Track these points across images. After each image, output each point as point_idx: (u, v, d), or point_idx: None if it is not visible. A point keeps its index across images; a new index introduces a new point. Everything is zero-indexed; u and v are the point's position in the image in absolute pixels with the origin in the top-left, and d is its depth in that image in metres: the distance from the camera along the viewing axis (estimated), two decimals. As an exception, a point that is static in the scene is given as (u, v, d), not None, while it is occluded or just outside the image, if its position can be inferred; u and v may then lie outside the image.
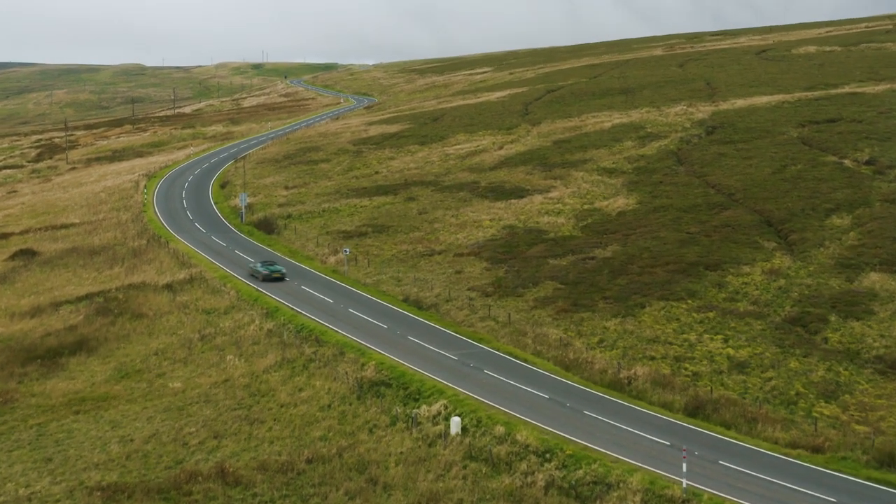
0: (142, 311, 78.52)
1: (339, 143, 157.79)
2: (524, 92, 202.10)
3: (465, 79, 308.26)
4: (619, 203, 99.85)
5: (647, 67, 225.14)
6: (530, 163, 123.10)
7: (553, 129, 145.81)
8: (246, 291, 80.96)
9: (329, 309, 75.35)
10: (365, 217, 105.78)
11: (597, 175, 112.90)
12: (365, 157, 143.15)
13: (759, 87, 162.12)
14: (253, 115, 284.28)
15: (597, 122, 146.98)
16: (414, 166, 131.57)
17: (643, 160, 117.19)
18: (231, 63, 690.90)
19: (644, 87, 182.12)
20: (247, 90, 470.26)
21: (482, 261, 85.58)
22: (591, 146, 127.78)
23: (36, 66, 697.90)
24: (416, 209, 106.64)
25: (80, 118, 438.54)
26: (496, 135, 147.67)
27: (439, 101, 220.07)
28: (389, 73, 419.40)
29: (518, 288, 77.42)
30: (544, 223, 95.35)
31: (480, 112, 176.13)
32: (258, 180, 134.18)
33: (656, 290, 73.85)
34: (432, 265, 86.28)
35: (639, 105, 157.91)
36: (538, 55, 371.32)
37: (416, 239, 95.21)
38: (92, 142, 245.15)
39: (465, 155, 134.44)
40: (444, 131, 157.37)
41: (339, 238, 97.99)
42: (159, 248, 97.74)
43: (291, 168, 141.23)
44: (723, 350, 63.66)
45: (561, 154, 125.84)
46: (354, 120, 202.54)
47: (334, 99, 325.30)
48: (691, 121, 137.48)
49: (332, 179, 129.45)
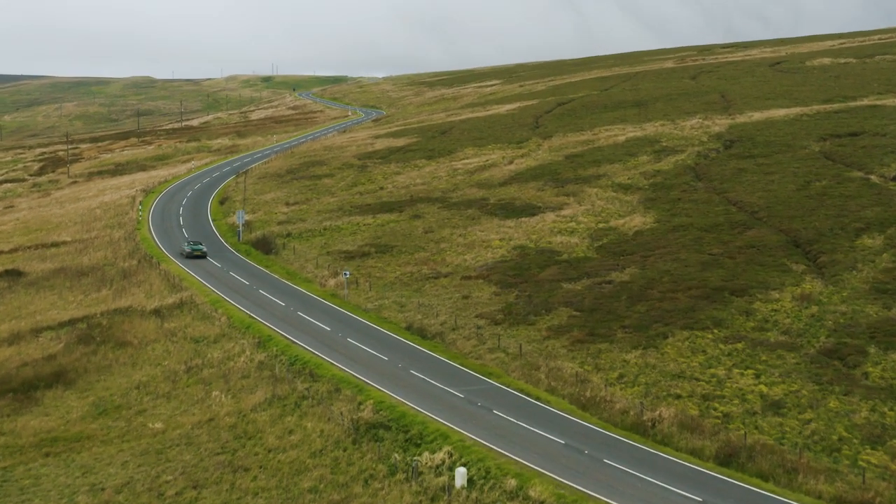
0: (126, 338, 72.85)
1: (343, 158, 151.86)
2: (534, 104, 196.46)
3: (474, 91, 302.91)
4: (635, 221, 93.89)
5: (659, 80, 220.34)
6: (542, 178, 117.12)
7: (565, 142, 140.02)
8: (238, 318, 75.12)
9: (326, 338, 69.49)
10: (368, 236, 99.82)
11: (611, 191, 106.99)
12: (370, 172, 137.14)
13: (775, 100, 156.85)
14: (260, 128, 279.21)
15: (610, 135, 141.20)
16: (420, 182, 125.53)
17: (659, 176, 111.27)
18: (241, 76, 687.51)
19: (657, 99, 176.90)
20: (255, 103, 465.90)
21: (491, 285, 79.62)
22: (604, 161, 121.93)
23: (46, 79, 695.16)
24: (421, 228, 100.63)
25: (88, 131, 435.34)
26: (506, 149, 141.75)
27: (448, 114, 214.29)
28: (398, 86, 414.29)
29: (530, 315, 71.45)
30: (557, 243, 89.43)
31: (490, 125, 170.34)
32: (259, 196, 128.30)
33: (679, 319, 67.92)
34: (438, 289, 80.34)
35: (653, 118, 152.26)
36: (547, 67, 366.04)
37: (422, 260, 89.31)
38: (96, 155, 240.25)
39: (473, 170, 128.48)
40: (453, 145, 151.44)
41: (339, 259, 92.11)
42: (150, 268, 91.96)
43: (293, 183, 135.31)
44: (755, 387, 57.64)
45: (573, 169, 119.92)
46: (360, 133, 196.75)
47: (342, 111, 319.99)
48: (708, 134, 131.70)
49: (335, 195, 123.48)
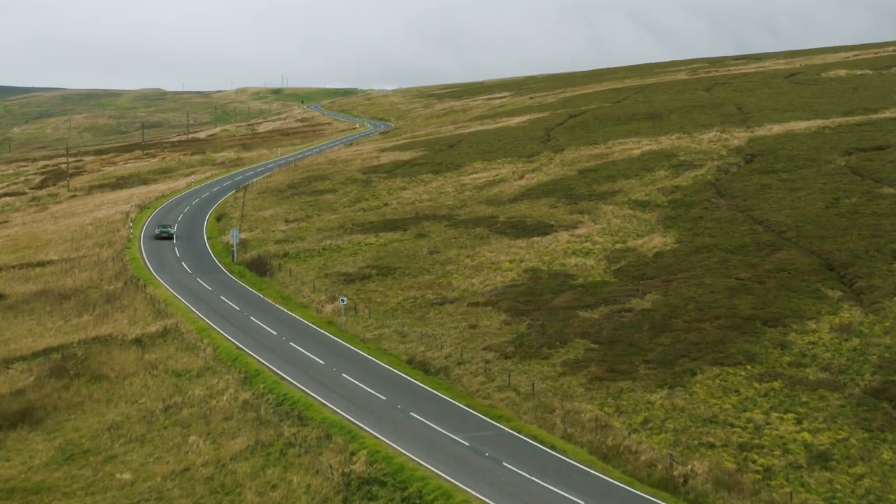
0: (103, 371, 66.29)
1: (347, 172, 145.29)
2: (545, 117, 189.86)
3: (483, 103, 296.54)
4: (655, 242, 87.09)
5: (672, 91, 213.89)
6: (554, 194, 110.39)
7: (577, 156, 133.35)
8: (224, 349, 68.39)
9: (319, 373, 62.76)
10: (369, 257, 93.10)
11: (628, 209, 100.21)
12: (374, 188, 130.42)
13: (794, 112, 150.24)
14: (266, 141, 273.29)
15: (624, 149, 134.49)
16: (426, 198, 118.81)
17: (679, 192, 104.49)
18: (251, 88, 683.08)
19: (671, 111, 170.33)
20: (264, 115, 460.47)
21: (500, 312, 72.84)
22: (619, 176, 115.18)
23: (57, 91, 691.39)
24: (426, 248, 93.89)
25: (97, 143, 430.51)
26: (516, 163, 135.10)
27: (456, 127, 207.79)
28: (407, 98, 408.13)
29: (543, 348, 64.66)
30: (572, 266, 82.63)
31: (499, 138, 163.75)
32: (257, 213, 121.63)
33: (707, 353, 61.14)
34: (443, 317, 73.57)
35: (668, 131, 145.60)
36: (558, 80, 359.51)
37: (426, 283, 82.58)
38: (99, 168, 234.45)
39: (482, 185, 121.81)
40: (461, 159, 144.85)
41: (338, 282, 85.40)
42: (136, 292, 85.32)
43: (294, 199, 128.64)
44: (797, 435, 50.80)
45: (587, 185, 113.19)
46: (366, 146, 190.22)
47: (350, 124, 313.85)
48: (727, 148, 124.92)
49: (337, 212, 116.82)
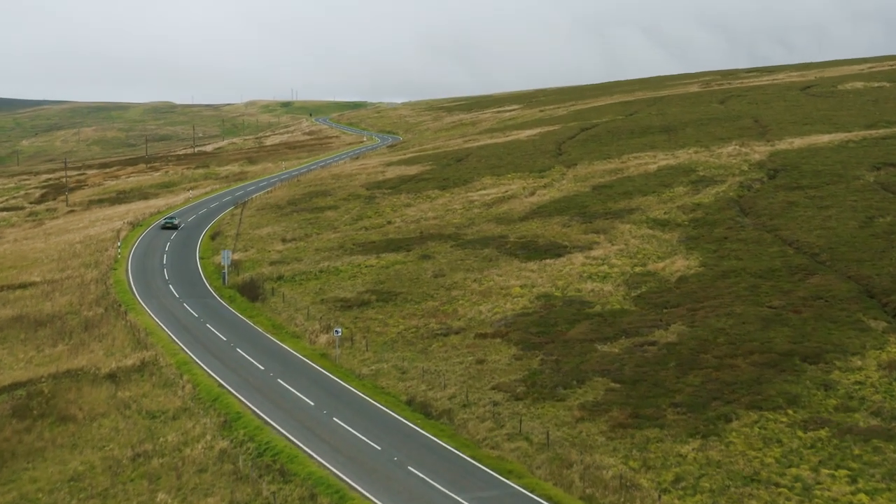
0: (70, 411, 59.48)
1: (351, 187, 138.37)
2: (556, 130, 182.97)
3: (493, 116, 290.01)
4: (678, 265, 79.97)
5: (685, 104, 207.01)
6: (567, 212, 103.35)
7: (591, 171, 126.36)
8: (205, 387, 61.40)
9: (307, 416, 55.73)
10: (369, 280, 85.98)
11: (647, 228, 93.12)
12: (377, 204, 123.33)
13: (813, 125, 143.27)
14: (272, 154, 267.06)
15: (640, 163, 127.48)
16: (432, 215, 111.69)
17: (700, 210, 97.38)
18: (261, 101, 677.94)
19: (686, 124, 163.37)
20: (272, 128, 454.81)
21: (510, 345, 65.76)
22: (636, 192, 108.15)
23: (66, 104, 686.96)
24: (431, 271, 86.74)
25: (105, 156, 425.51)
26: (527, 178, 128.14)
27: (465, 140, 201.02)
28: (416, 111, 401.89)
29: (558, 387, 57.56)
30: (588, 292, 75.52)
31: (509, 152, 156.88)
32: (253, 231, 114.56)
33: (743, 394, 54.11)
34: (447, 350, 66.50)
35: (685, 144, 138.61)
36: (568, 92, 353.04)
37: (430, 311, 75.50)
38: (100, 182, 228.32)
39: (491, 202, 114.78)
40: (469, 174, 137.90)
41: (335, 308, 78.31)
42: (116, 319, 78.39)
43: (293, 216, 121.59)
44: (853, 496, 43.75)
45: (602, 202, 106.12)
46: (372, 160, 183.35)
47: (357, 137, 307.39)
48: (748, 163, 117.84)
49: (338, 231, 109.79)
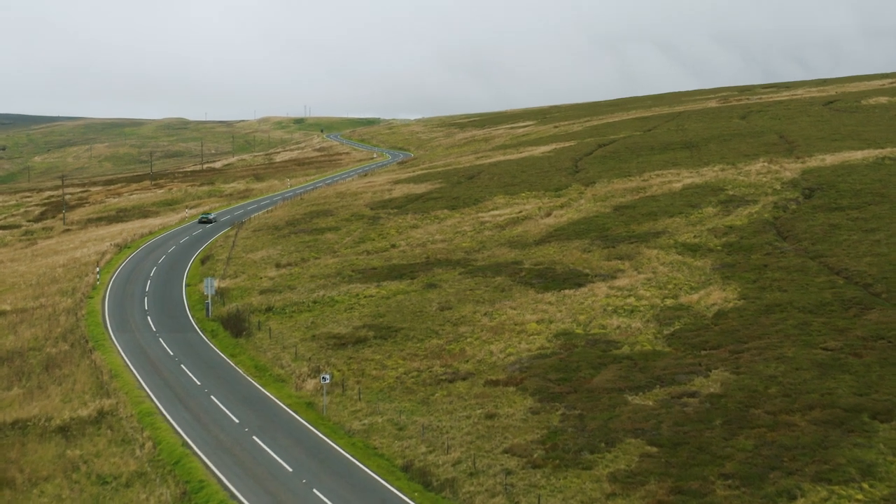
0: (9, 473, 50.00)
1: (355, 206, 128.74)
2: (572, 146, 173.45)
3: (506, 132, 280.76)
4: (714, 297, 70.14)
5: (705, 120, 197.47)
6: (587, 235, 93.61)
7: (611, 190, 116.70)
8: (167, 445, 51.67)
9: (283, 488, 45.96)
10: (368, 313, 76.09)
11: (676, 254, 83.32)
12: (382, 226, 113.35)
13: (843, 141, 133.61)
14: (281, 171, 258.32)
15: (663, 181, 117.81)
16: (440, 238, 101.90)
17: (733, 233, 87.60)
18: (273, 117, 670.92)
19: (708, 140, 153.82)
20: (283, 144, 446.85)
21: (526, 395, 55.89)
22: (661, 213, 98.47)
23: (80, 120, 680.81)
24: (436, 302, 76.81)
25: (117, 172, 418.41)
26: (542, 197, 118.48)
27: (477, 156, 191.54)
28: (428, 127, 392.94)
29: (583, 452, 47.69)
30: (614, 329, 65.72)
31: (523, 169, 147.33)
32: (247, 254, 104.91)
33: (806, 461, 44.30)
34: (452, 400, 56.65)
35: (709, 161, 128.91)
36: (582, 108, 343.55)
37: (434, 350, 65.74)
38: (102, 199, 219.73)
39: (504, 223, 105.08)
40: (480, 192, 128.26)
41: (327, 346, 68.56)
42: (82, 357, 68.78)
43: (291, 238, 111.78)
44: None
45: (625, 224, 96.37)
46: (379, 177, 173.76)
47: (368, 154, 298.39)
48: (780, 181, 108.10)
49: (337, 255, 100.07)
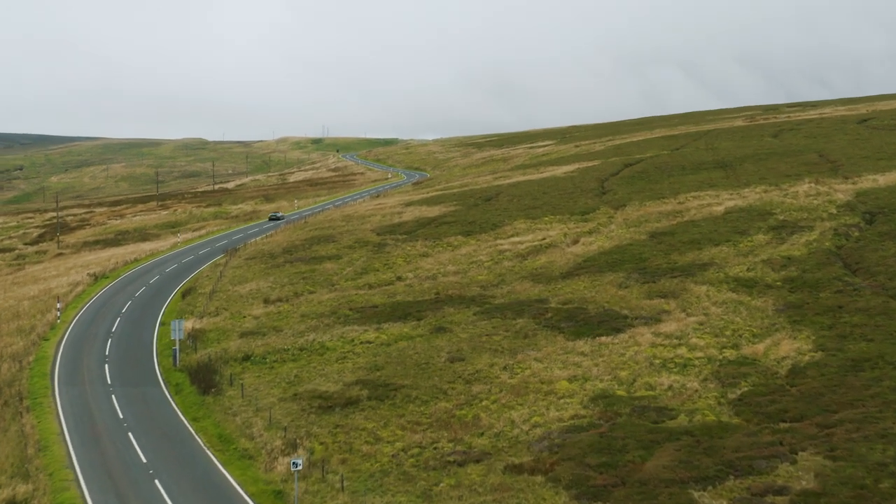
0: None
1: (360, 232, 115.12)
2: (596, 166, 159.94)
3: (525, 152, 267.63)
4: (784, 348, 56.40)
5: (734, 138, 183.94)
6: (622, 267, 79.89)
7: (644, 213, 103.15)
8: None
9: None
10: (363, 364, 62.35)
11: (729, 290, 69.55)
12: (388, 254, 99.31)
13: (891, 160, 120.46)
14: (292, 191, 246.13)
15: (701, 204, 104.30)
16: (452, 269, 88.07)
17: (793, 265, 73.84)
18: (292, 138, 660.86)
19: (742, 160, 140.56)
20: (299, 165, 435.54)
21: (559, 488, 42.07)
22: (706, 241, 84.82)
23: (99, 140, 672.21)
24: (446, 351, 63.01)
25: (133, 192, 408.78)
26: (567, 222, 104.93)
27: (496, 177, 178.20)
28: (446, 147, 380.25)
29: (642, 584, 34.19)
30: (664, 390, 52.01)
31: (545, 190, 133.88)
32: (234, 287, 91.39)
33: None
34: (462, 494, 42.76)
35: (749, 182, 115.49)
36: (603, 128, 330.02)
37: (441, 418, 52.09)
38: (104, 221, 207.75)
39: (525, 252, 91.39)
40: (499, 216, 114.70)
41: (309, 410, 54.91)
42: (11, 420, 55.38)
43: (286, 269, 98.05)
44: None
45: (665, 253, 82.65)
46: (391, 199, 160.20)
47: (383, 174, 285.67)
48: (834, 204, 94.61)
49: (335, 289, 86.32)
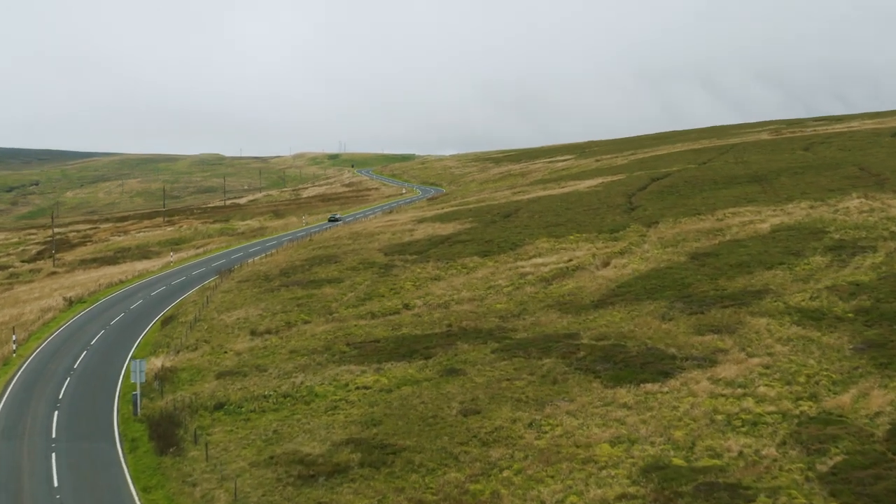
0: None
1: (367, 251, 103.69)
2: (622, 180, 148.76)
3: (544, 167, 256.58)
4: (875, 400, 44.86)
5: (764, 151, 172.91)
6: (662, 294, 68.21)
7: (681, 232, 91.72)
8: None
9: None
10: (358, 417, 50.59)
11: (793, 324, 57.88)
12: (395, 277, 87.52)
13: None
14: (304, 207, 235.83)
15: (743, 221, 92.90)
16: (467, 295, 76.29)
17: (863, 293, 62.22)
18: (308, 153, 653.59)
19: (778, 173, 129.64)
20: (314, 180, 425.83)
21: None
22: (756, 264, 73.23)
23: (116, 156, 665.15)
24: (458, 401, 51.18)
25: (148, 207, 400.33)
26: (595, 241, 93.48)
27: (514, 192, 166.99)
28: (462, 162, 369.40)
29: None
30: (733, 458, 40.44)
31: (568, 206, 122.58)
32: (220, 315, 79.94)
33: None
34: None
35: (790, 197, 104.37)
36: (624, 142, 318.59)
37: (450, 494, 40.43)
38: (107, 237, 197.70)
39: (550, 276, 79.76)
40: (519, 234, 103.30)
41: (286, 480, 43.35)
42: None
43: (281, 293, 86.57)
44: None
45: (711, 278, 70.96)
46: (402, 215, 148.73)
47: (397, 189, 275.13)
48: (893, 221, 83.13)
49: (333, 318, 74.53)
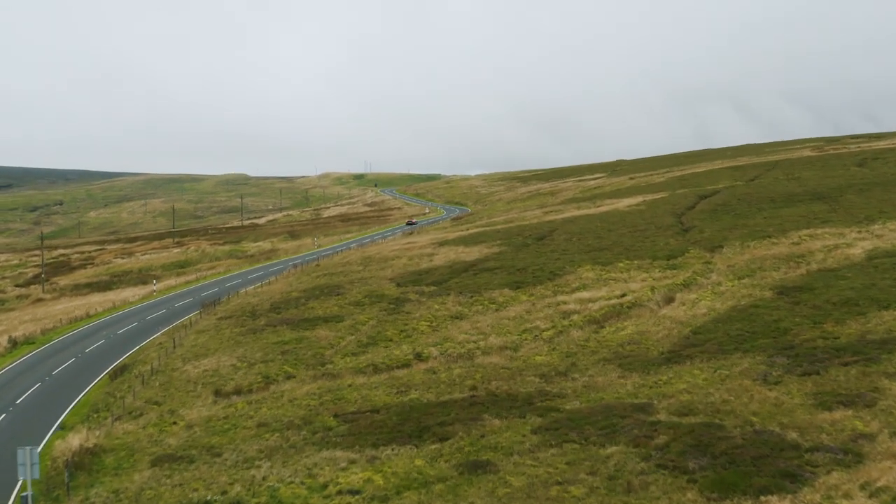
0: None
1: (376, 280, 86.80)
2: (665, 198, 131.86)
3: (574, 185, 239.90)
4: None
5: (814, 168, 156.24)
6: (754, 345, 50.92)
7: (753, 258, 74.61)
8: None
9: None
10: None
11: (951, 393, 40.79)
12: (407, 315, 70.00)
13: None
14: (322, 227, 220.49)
15: (825, 245, 75.86)
16: (497, 342, 58.77)
17: None
18: (334, 173, 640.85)
19: (840, 190, 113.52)
20: (336, 199, 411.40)
21: None
22: (865, 301, 55.92)
23: (141, 176, 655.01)
24: (486, 517, 34.42)
25: (168, 227, 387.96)
26: (650, 269, 76.38)
27: (545, 211, 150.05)
28: (488, 182, 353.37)
29: None
30: None
31: (609, 227, 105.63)
32: (184, 365, 63.02)
33: None
34: None
35: (869, 217, 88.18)
36: (657, 161, 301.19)
37: None
38: (110, 259, 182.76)
39: (601, 316, 62.39)
40: (557, 261, 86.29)
41: None
42: None
43: (265, 336, 69.25)
44: None
45: (813, 322, 53.64)
46: (423, 237, 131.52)
47: (421, 209, 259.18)
48: None
49: (322, 372, 57.05)
